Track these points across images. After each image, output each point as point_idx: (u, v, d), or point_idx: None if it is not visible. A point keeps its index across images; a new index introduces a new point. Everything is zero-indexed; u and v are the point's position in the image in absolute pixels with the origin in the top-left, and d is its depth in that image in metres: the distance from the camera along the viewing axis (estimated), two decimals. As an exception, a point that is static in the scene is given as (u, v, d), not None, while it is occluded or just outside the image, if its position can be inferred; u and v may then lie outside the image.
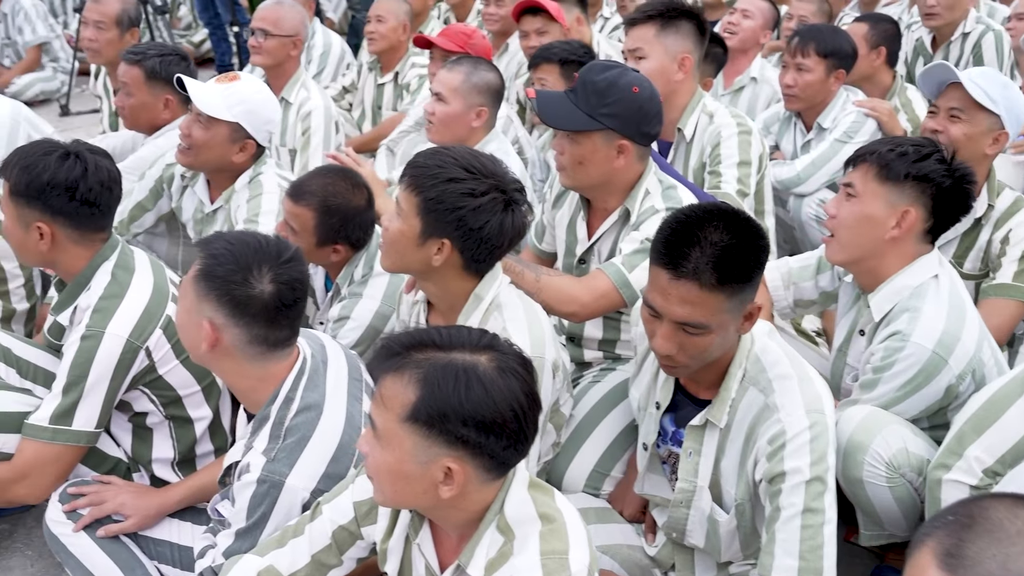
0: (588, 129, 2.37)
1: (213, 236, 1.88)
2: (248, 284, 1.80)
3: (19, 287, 3.13)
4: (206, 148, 2.85)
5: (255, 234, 1.87)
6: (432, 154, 2.10)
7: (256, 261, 1.81)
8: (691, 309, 1.81)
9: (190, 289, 1.85)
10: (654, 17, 2.96)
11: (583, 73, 2.43)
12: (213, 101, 2.78)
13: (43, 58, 6.68)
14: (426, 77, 4.47)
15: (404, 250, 2.08)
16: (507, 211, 2.05)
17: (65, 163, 2.24)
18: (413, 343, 1.52)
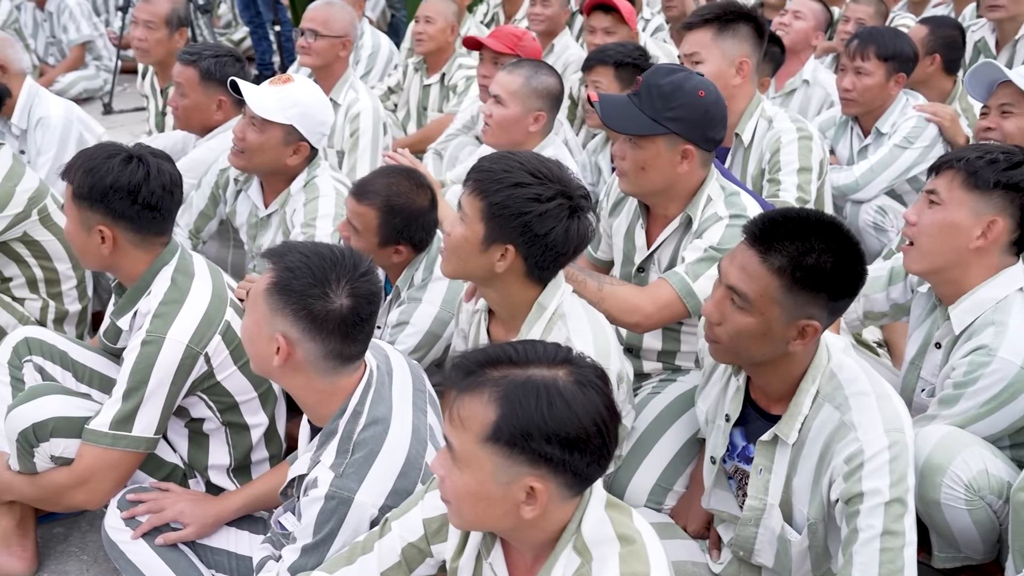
0: (652, 134, 2.32)
1: (285, 247, 1.85)
2: (326, 298, 1.77)
3: (72, 288, 3.15)
4: (260, 151, 2.82)
5: (329, 246, 1.84)
6: (497, 158, 2.06)
7: (334, 274, 1.78)
8: (743, 276, 1.82)
9: (261, 301, 1.81)
10: (711, 21, 2.90)
11: (647, 76, 2.38)
12: (267, 103, 2.76)
13: (86, 56, 6.71)
14: (473, 78, 4.44)
15: (467, 256, 2.05)
16: (573, 218, 2.01)
17: (128, 167, 2.23)
18: (488, 360, 1.48)
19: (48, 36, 6.69)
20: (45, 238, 3.04)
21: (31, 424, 2.19)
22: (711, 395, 2.15)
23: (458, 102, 4.41)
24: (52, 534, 2.57)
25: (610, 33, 4.06)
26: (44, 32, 6.69)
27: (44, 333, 2.59)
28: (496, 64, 3.76)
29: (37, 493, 2.28)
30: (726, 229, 2.35)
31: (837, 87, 3.58)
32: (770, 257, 1.80)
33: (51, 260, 3.07)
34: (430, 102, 4.62)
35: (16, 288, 3.07)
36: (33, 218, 2.98)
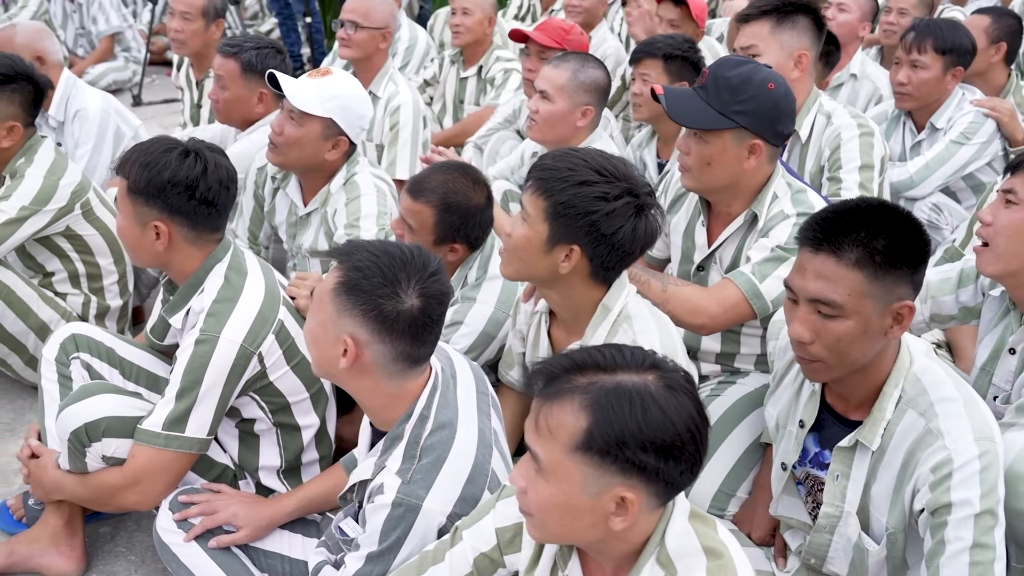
0: (719, 128, 2.25)
1: (351, 246, 1.79)
2: (397, 298, 1.71)
3: (113, 284, 3.11)
4: (298, 145, 2.76)
5: (398, 244, 1.78)
6: (561, 156, 2.00)
7: (404, 274, 1.72)
8: (824, 284, 1.73)
9: (328, 302, 1.76)
10: (769, 13, 2.82)
11: (714, 69, 2.32)
12: (306, 96, 2.70)
13: (116, 48, 6.69)
14: (511, 71, 4.38)
15: (529, 257, 1.99)
16: (640, 216, 1.95)
17: (185, 161, 2.18)
18: (573, 366, 1.42)
19: (77, 27, 6.67)
20: (87, 232, 3.00)
21: (83, 423, 2.15)
22: (782, 400, 2.08)
23: (496, 95, 4.34)
24: (98, 533, 2.53)
25: (675, 27, 3.96)
26: (73, 23, 6.67)
27: (91, 330, 2.54)
28: (542, 58, 3.69)
29: (88, 493, 2.23)
30: (793, 228, 2.28)
31: (891, 81, 3.49)
32: (844, 254, 1.73)
33: (93, 255, 3.03)
34: (467, 95, 4.55)
35: (58, 283, 3.03)
36: (76, 212, 2.94)
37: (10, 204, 2.78)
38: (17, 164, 2.87)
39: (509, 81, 4.35)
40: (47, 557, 2.36)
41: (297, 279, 2.52)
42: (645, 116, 3.47)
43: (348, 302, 1.73)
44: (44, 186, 2.84)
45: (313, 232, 2.92)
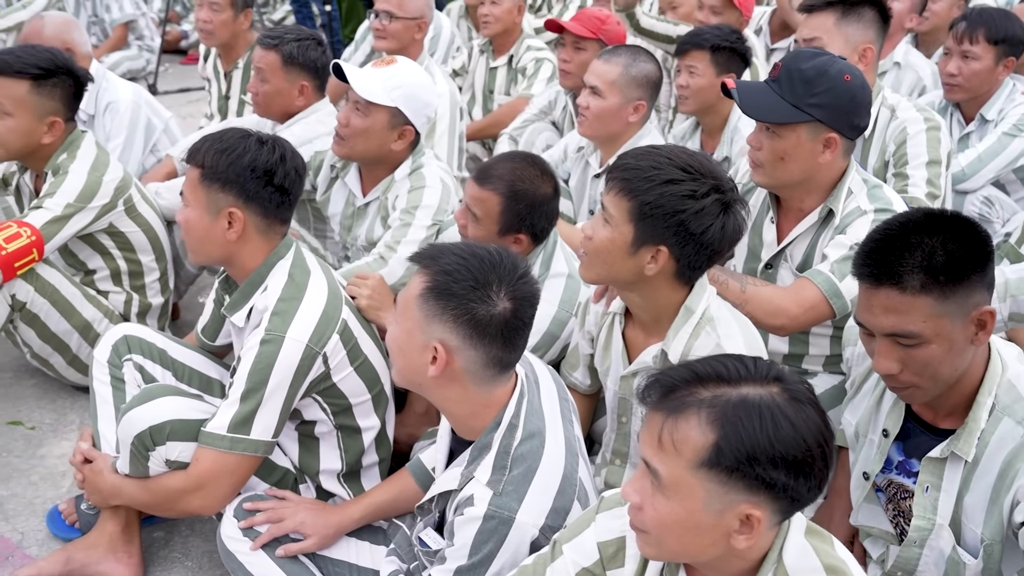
0: (794, 121, 2.20)
1: (436, 250, 1.73)
2: (488, 302, 1.66)
3: (155, 281, 3.05)
4: (364, 136, 2.70)
5: (484, 247, 1.72)
6: (643, 154, 1.94)
7: (494, 276, 1.66)
8: (897, 318, 1.66)
9: (415, 307, 1.70)
10: (835, 4, 2.77)
11: (787, 61, 2.26)
12: (371, 86, 2.64)
13: (129, 36, 6.59)
14: (543, 61, 4.31)
15: (614, 259, 1.93)
16: (727, 213, 1.90)
17: (264, 147, 2.15)
18: (695, 378, 1.37)
19: (90, 15, 6.55)
20: (130, 229, 2.94)
21: (148, 427, 2.10)
22: (861, 407, 2.03)
23: (528, 85, 4.27)
24: (152, 538, 2.48)
25: (716, 13, 3.91)
26: (86, 11, 6.55)
27: (143, 331, 2.49)
28: (577, 49, 3.63)
29: (150, 498, 2.18)
30: (872, 225, 2.22)
31: (940, 72, 3.42)
32: (907, 283, 1.65)
33: (135, 252, 2.97)
34: (497, 85, 4.48)
35: (100, 281, 2.97)
36: (119, 209, 2.88)
37: (55, 201, 2.72)
38: (59, 160, 2.80)
39: (541, 71, 4.28)
40: (105, 564, 2.31)
41: (358, 278, 2.47)
42: (691, 108, 3.41)
43: (437, 307, 1.68)
44: (88, 182, 2.77)
45: (369, 222, 2.86)
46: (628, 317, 2.13)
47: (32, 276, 2.72)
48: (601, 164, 3.13)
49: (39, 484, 2.68)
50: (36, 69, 2.73)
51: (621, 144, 3.05)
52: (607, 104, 2.97)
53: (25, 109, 2.74)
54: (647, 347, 2.06)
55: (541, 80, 4.25)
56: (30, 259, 2.66)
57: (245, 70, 4.09)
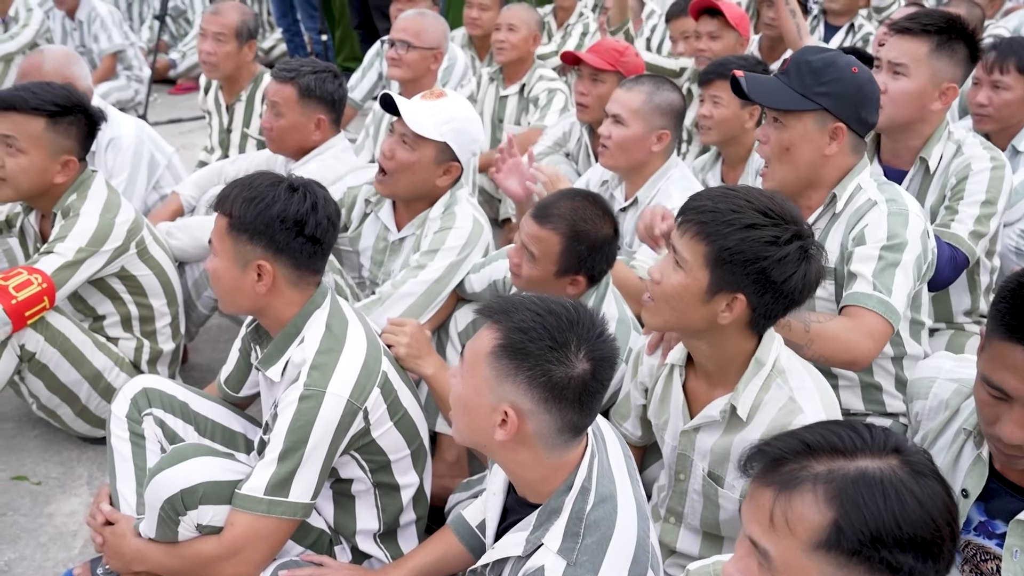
0: (800, 109, 2.19)
1: (508, 303, 1.60)
2: (567, 363, 1.53)
3: (166, 326, 2.91)
4: (410, 171, 2.59)
5: (560, 301, 1.60)
6: (719, 196, 1.84)
7: (573, 335, 1.54)
8: None
9: (485, 365, 1.58)
10: (931, 32, 2.59)
11: (796, 55, 2.27)
12: (421, 119, 2.54)
13: (117, 66, 6.44)
14: (556, 91, 4.24)
15: (685, 307, 1.82)
16: (808, 261, 1.80)
17: (294, 195, 2.03)
18: (805, 449, 1.25)
19: (78, 45, 6.40)
20: (141, 272, 2.80)
21: (179, 491, 1.96)
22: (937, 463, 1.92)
23: (541, 116, 4.18)
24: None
25: (715, 38, 3.88)
26: (73, 41, 6.41)
27: (163, 383, 2.35)
28: (595, 81, 3.54)
29: (178, 564, 2.03)
30: (890, 218, 2.19)
31: (968, 102, 3.36)
32: None
33: (146, 296, 2.83)
34: (507, 114, 4.39)
35: (109, 327, 2.82)
36: (131, 252, 2.74)
37: (66, 246, 2.58)
38: (69, 201, 2.67)
39: (554, 101, 4.20)
40: (128, 635, 2.15)
41: (394, 326, 2.35)
42: (714, 139, 3.33)
43: (510, 367, 1.55)
44: (100, 225, 2.64)
45: (404, 257, 2.74)
46: (689, 367, 2.02)
47: (42, 325, 2.57)
48: (627, 197, 3.03)
49: (49, 546, 2.52)
50: (53, 106, 2.60)
51: (647, 176, 2.97)
52: (630, 133, 2.88)
53: (40, 147, 2.61)
54: (711, 400, 1.95)
55: (554, 111, 4.16)
56: (41, 307, 2.51)
57: (248, 103, 3.98)
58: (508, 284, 2.62)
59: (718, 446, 1.93)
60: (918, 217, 2.24)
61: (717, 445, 1.93)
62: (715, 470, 1.94)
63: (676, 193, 2.89)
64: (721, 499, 1.96)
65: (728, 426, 1.91)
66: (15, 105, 2.58)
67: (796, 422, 1.80)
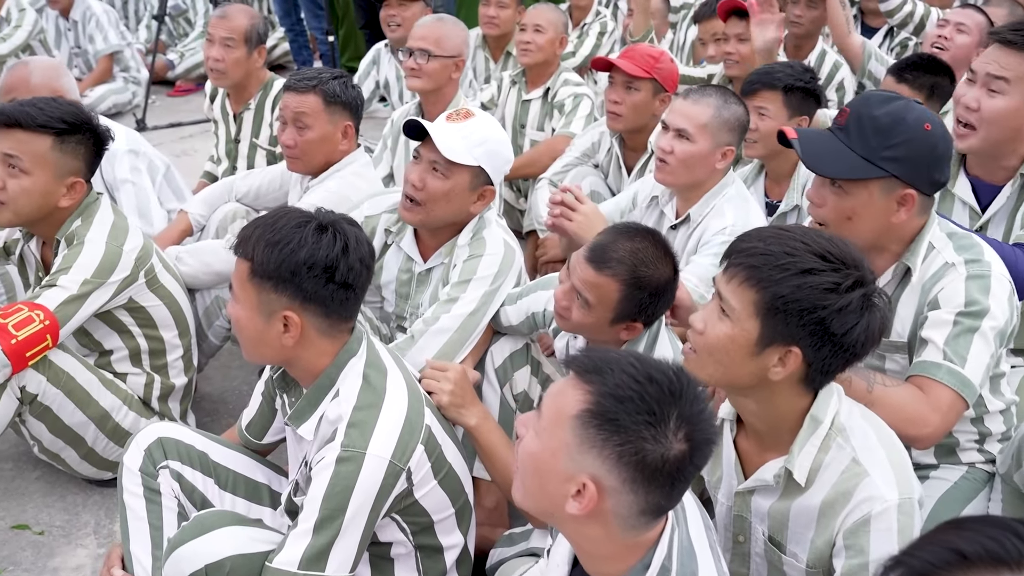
0: (866, 177, 1.92)
1: (602, 360, 1.37)
2: (664, 443, 1.32)
3: (177, 359, 2.70)
4: (445, 200, 2.37)
5: (660, 367, 1.38)
6: (771, 237, 1.62)
7: (673, 409, 1.33)
8: None
9: (567, 428, 1.35)
10: None
11: (857, 106, 1.98)
12: (454, 144, 2.32)
13: (114, 68, 6.20)
14: (582, 96, 4.01)
15: (732, 360, 1.61)
16: (871, 311, 1.58)
17: (323, 238, 1.80)
18: (959, 560, 1.04)
19: (72, 46, 6.18)
20: (151, 303, 2.57)
21: (204, 565, 1.77)
22: None
23: (567, 123, 3.96)
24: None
25: (744, 40, 3.66)
26: (68, 42, 6.18)
27: (179, 431, 2.14)
28: (630, 89, 3.32)
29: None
30: (968, 283, 1.95)
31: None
32: None
33: (157, 328, 2.61)
34: (529, 119, 4.16)
35: (117, 362, 2.60)
36: (140, 281, 2.52)
37: (70, 278, 2.35)
38: (74, 227, 2.44)
39: (580, 107, 3.97)
40: None
41: (434, 370, 2.14)
42: (759, 153, 3.12)
43: (598, 437, 1.33)
44: (107, 254, 2.42)
45: (433, 288, 2.53)
46: (740, 423, 1.81)
47: (44, 364, 2.35)
48: (678, 215, 2.82)
49: (54, 606, 2.31)
50: (61, 123, 2.38)
51: (703, 193, 2.75)
52: (696, 149, 2.66)
53: (45, 167, 2.39)
54: (764, 462, 1.74)
55: (580, 117, 3.94)
56: (44, 346, 2.29)
57: (257, 111, 3.76)
58: (548, 317, 2.42)
59: (776, 511, 1.73)
60: (1003, 279, 2.00)
61: (775, 510, 1.73)
62: (775, 535, 1.74)
63: (729, 212, 2.70)
64: (786, 567, 1.76)
65: (785, 491, 1.70)
66: (20, 122, 2.35)
67: (862, 487, 1.59)
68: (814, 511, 1.64)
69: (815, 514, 1.64)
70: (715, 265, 2.62)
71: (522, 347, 2.52)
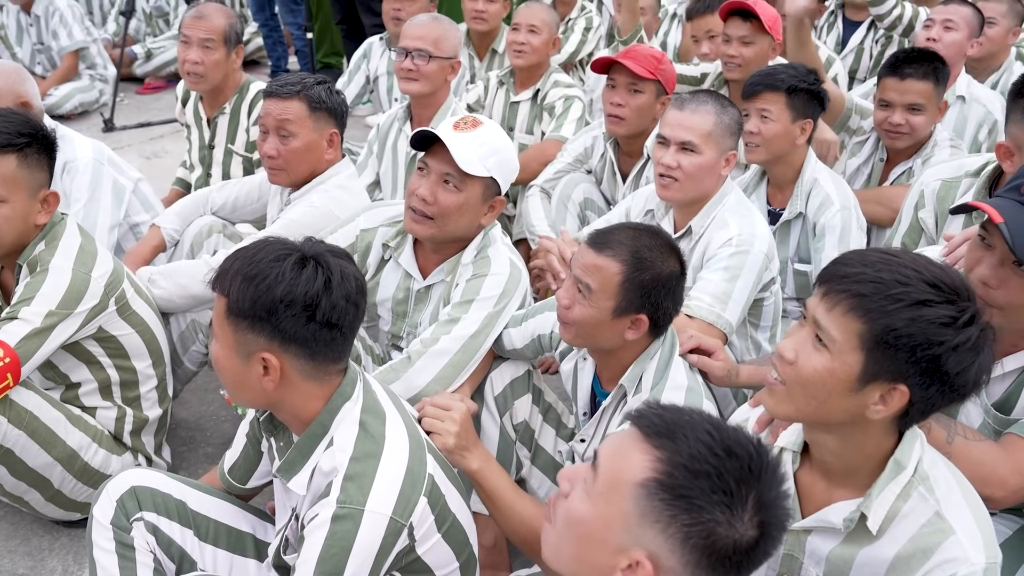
0: None
1: (674, 419, 1.20)
2: (737, 527, 1.15)
3: (151, 391, 2.51)
4: (458, 214, 2.21)
5: (738, 438, 1.19)
6: (880, 262, 1.44)
7: (748, 488, 1.16)
8: None
9: (627, 498, 1.18)
10: None
11: None
12: (468, 155, 2.16)
13: (80, 65, 5.94)
14: (573, 99, 3.84)
15: (827, 396, 1.45)
16: (983, 348, 1.43)
17: (303, 272, 1.61)
18: None
19: (35, 42, 5.91)
20: (123, 332, 2.38)
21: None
22: None
23: (557, 126, 3.78)
24: None
25: (747, 43, 3.50)
26: (30, 39, 5.91)
27: (154, 478, 1.96)
28: (634, 92, 3.16)
29: None
30: None
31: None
32: None
33: (129, 358, 2.41)
34: (518, 122, 3.99)
35: (86, 396, 2.40)
36: (110, 309, 2.32)
37: (33, 310, 2.15)
38: (37, 252, 2.24)
39: (571, 110, 3.80)
40: None
41: (434, 406, 1.97)
42: (762, 158, 2.97)
43: (665, 512, 1.16)
44: (74, 281, 2.22)
45: (434, 307, 2.37)
46: (806, 457, 1.66)
47: (4, 404, 2.15)
48: (676, 228, 2.67)
49: (19, 666, 2.12)
50: (20, 137, 2.18)
51: (704, 204, 2.60)
52: (704, 160, 2.51)
53: (19, 188, 2.19)
54: (830, 500, 1.58)
55: (571, 120, 3.77)
56: (4, 385, 2.10)
57: (232, 116, 3.56)
58: (555, 340, 2.26)
59: (836, 557, 1.58)
60: None
61: (835, 556, 1.58)
62: None
63: (733, 222, 2.55)
64: None
65: (851, 536, 1.55)
66: None
67: (946, 546, 1.45)
68: (883, 563, 1.49)
69: (885, 567, 1.49)
70: (726, 280, 2.49)
71: (523, 374, 2.36)
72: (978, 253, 1.82)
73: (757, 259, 2.47)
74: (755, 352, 2.72)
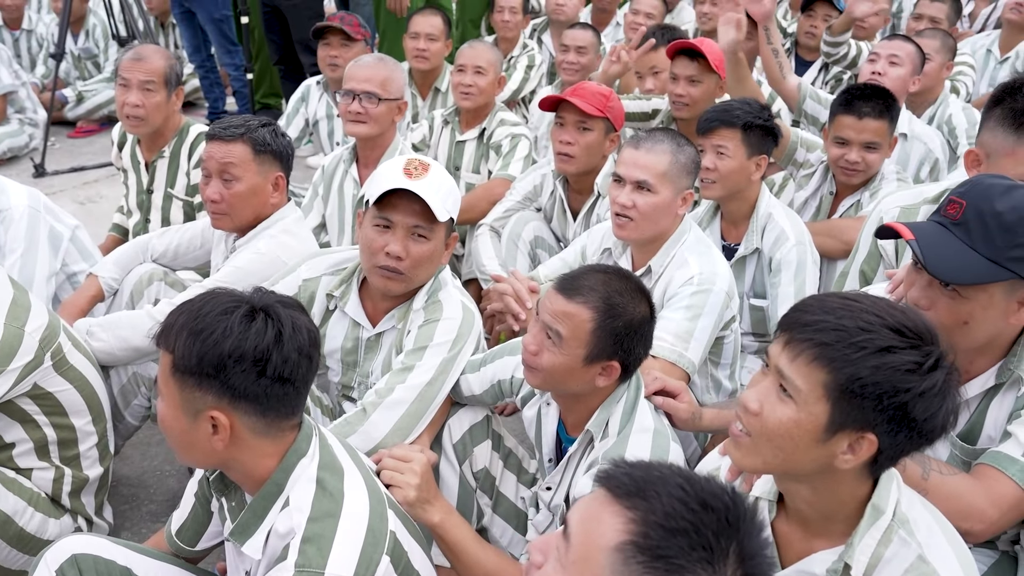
0: (995, 280, 1.72)
1: (642, 476, 1.13)
2: None
3: (91, 449, 2.40)
4: (428, 262, 2.20)
5: (712, 489, 1.14)
6: (841, 309, 1.42)
7: (725, 540, 1.11)
8: None
9: (602, 565, 1.11)
10: None
11: (975, 199, 1.75)
12: (435, 202, 2.13)
13: (8, 110, 5.76)
14: (519, 137, 3.83)
15: (794, 447, 1.42)
16: (952, 392, 1.41)
17: (252, 326, 1.54)
18: None
19: (-40, 88, 5.72)
20: (59, 388, 2.26)
21: None
22: None
23: (504, 165, 3.76)
24: None
25: (694, 83, 3.52)
26: (-46, 83, 5.72)
27: (96, 544, 1.86)
28: (584, 129, 3.15)
29: None
30: None
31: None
32: None
33: (66, 415, 2.29)
34: (464, 161, 3.95)
35: (20, 457, 2.26)
36: (46, 364, 2.20)
37: (-39, 369, 2.03)
38: (-38, 306, 2.13)
39: (518, 148, 3.78)
40: None
41: (393, 458, 1.90)
42: (717, 194, 2.96)
43: (638, 572, 1.11)
44: (6, 337, 2.10)
45: (385, 355, 2.30)
46: (781, 508, 1.62)
47: (-69, 470, 2.03)
48: (635, 267, 2.64)
49: None
50: None
51: (663, 243, 2.58)
52: (660, 200, 2.49)
53: None
54: (811, 551, 1.55)
55: (519, 159, 3.75)
56: (-70, 451, 1.97)
57: (172, 159, 3.45)
58: (516, 385, 2.21)
59: None
60: None
61: None
62: None
63: (693, 260, 2.53)
64: None
65: None
66: None
67: None
68: None
69: None
70: (688, 319, 2.46)
71: (482, 419, 2.30)
72: (912, 277, 1.82)
73: (719, 298, 2.45)
74: (715, 390, 2.70)
